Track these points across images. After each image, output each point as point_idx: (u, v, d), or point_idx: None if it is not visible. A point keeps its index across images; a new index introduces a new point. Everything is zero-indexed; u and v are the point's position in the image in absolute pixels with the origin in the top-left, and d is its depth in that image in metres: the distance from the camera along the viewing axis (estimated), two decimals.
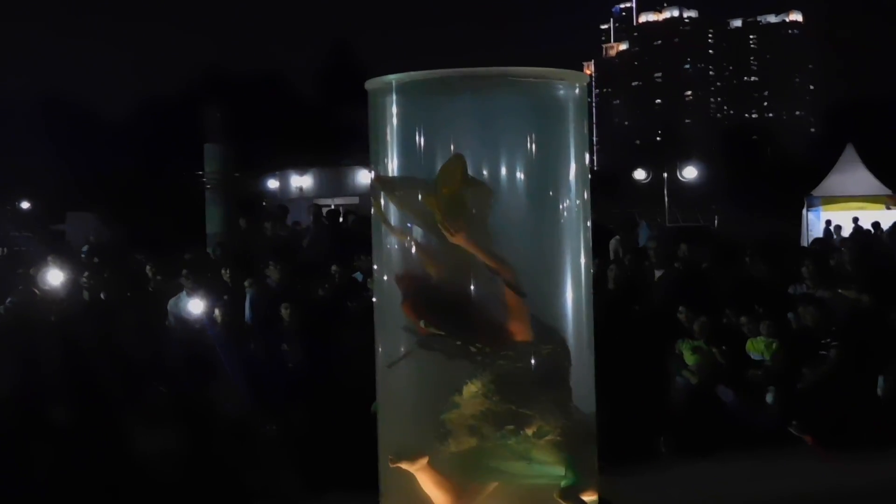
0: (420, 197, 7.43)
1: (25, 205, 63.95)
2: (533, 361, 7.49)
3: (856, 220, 30.37)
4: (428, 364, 7.48)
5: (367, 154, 7.80)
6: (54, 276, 13.70)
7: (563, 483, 7.37)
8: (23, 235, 39.24)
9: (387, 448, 7.78)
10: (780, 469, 10.72)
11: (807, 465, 10.93)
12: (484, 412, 7.25)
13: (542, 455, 7.36)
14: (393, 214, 7.64)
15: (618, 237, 16.66)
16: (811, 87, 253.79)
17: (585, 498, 7.46)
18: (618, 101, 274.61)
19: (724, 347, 12.41)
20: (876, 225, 27.53)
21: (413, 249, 7.42)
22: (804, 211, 35.12)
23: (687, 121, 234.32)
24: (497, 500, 7.39)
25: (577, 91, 7.68)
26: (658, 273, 14.52)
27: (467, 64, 7.52)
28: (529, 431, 7.29)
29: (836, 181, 35.47)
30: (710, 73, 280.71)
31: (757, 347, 12.49)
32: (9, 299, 12.83)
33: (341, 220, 20.27)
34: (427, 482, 7.31)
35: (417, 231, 7.42)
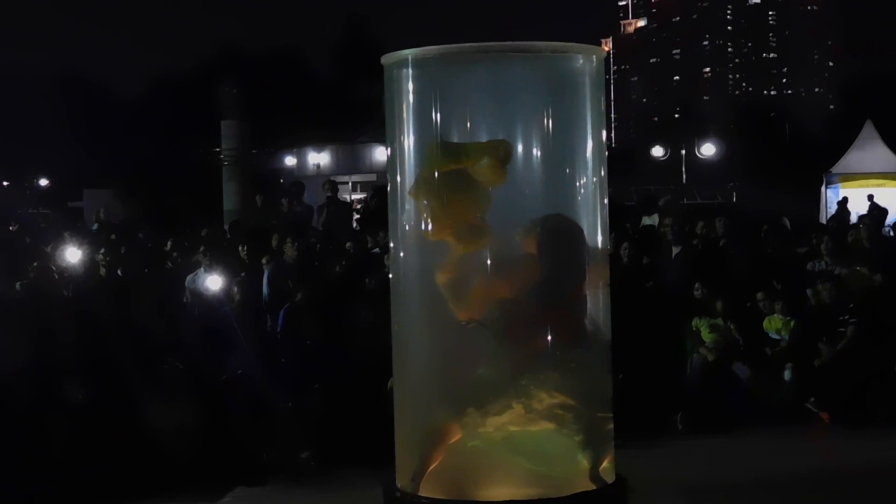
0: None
1: (44, 182, 64.15)
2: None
3: (871, 197, 30.19)
4: (444, 339, 7.50)
5: (384, 131, 7.79)
6: (71, 253, 13.72)
7: (589, 464, 7.43)
8: (40, 213, 39.34)
9: (403, 423, 7.79)
10: (797, 445, 10.70)
11: (823, 442, 10.91)
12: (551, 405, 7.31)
13: (575, 442, 7.43)
14: (408, 196, 7.64)
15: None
16: (830, 64, 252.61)
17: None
18: (636, 78, 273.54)
19: (741, 324, 12.37)
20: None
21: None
22: (823, 188, 34.97)
23: (705, 97, 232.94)
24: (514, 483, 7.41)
25: (593, 65, 7.64)
26: (675, 250, 14.47)
27: (483, 40, 7.50)
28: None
29: (854, 158, 35.28)
30: (729, 49, 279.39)
31: (774, 325, 12.46)
32: (26, 275, 12.85)
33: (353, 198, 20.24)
34: None
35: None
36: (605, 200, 7.80)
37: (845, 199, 31.36)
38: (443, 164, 7.32)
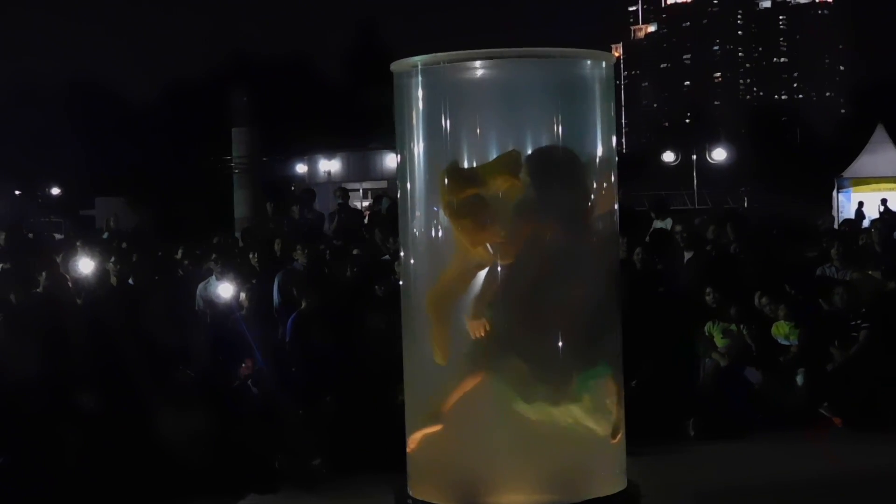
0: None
1: (55, 190, 64.29)
2: None
3: (884, 201, 30.21)
4: (454, 346, 7.49)
5: (394, 137, 7.80)
6: (83, 262, 13.74)
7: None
8: (52, 221, 39.42)
9: (414, 430, 7.79)
10: (809, 451, 10.67)
11: (835, 447, 10.87)
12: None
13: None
14: (419, 203, 7.64)
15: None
16: (841, 68, 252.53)
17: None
18: (646, 84, 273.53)
19: (753, 328, 12.34)
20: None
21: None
22: (834, 192, 34.95)
23: (716, 102, 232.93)
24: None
25: (603, 70, 7.64)
26: (688, 255, 14.46)
27: (492, 45, 7.50)
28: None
29: (866, 162, 35.28)
30: (740, 54, 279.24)
31: (781, 330, 12.42)
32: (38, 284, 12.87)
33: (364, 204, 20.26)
34: None
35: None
36: (616, 206, 7.80)
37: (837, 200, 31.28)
38: (455, 192, 7.29)
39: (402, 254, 8.00)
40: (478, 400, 7.39)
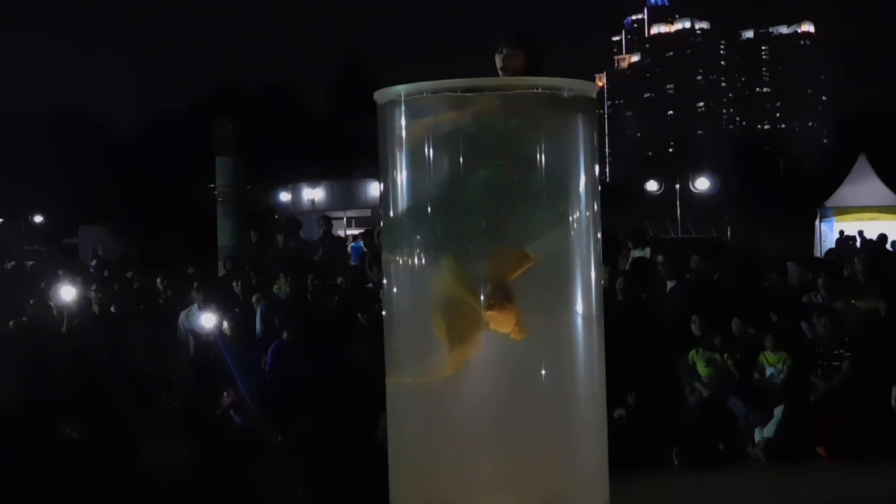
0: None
1: (38, 219, 64.17)
2: None
3: (861, 233, 30.31)
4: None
5: (378, 166, 7.78)
6: (65, 291, 13.70)
7: None
8: (35, 250, 39.27)
9: (396, 460, 7.76)
10: (792, 481, 10.66)
11: (819, 477, 10.87)
12: None
13: None
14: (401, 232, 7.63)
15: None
16: (823, 98, 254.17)
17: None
18: (630, 113, 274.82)
19: (738, 357, 12.35)
20: (882, 238, 27.04)
21: None
22: (817, 222, 35.07)
23: (699, 132, 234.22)
24: None
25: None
26: (670, 284, 14.48)
27: (477, 73, 7.48)
28: None
29: (848, 192, 35.41)
30: (723, 84, 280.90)
31: (770, 360, 12.42)
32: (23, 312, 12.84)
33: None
34: None
35: None
36: (599, 235, 7.78)
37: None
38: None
39: (384, 282, 7.98)
40: (460, 431, 7.36)
